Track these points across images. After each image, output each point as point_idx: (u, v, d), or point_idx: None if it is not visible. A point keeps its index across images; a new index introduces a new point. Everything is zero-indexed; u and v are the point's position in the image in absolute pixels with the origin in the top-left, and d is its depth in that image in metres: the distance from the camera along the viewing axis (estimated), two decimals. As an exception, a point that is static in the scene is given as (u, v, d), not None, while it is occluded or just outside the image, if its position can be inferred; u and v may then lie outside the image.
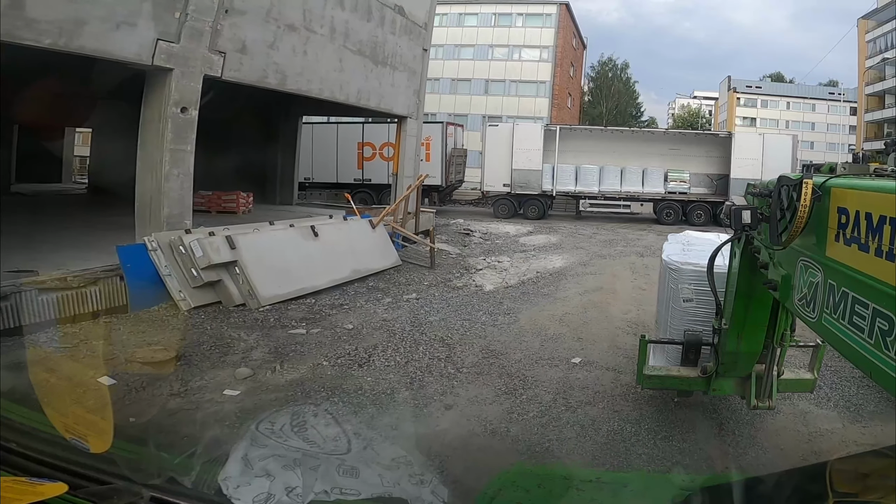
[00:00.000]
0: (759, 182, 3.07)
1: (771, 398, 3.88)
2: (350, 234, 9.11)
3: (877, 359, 1.67)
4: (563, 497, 1.82)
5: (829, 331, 1.98)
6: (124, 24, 6.35)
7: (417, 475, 1.71)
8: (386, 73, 12.21)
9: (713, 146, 20.95)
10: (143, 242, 6.49)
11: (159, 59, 6.76)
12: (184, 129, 7.08)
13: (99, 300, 6.00)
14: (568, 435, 4.39)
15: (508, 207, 19.82)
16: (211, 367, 5.37)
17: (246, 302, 6.82)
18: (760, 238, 2.86)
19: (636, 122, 52.30)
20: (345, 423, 4.06)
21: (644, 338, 4.25)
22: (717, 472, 3.99)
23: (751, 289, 3.31)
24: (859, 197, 1.87)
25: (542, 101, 32.98)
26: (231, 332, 6.18)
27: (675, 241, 5.24)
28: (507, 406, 4.87)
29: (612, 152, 20.60)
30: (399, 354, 5.97)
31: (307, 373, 5.41)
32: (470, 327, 6.99)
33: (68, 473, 1.17)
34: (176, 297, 6.45)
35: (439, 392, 5.14)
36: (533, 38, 33.07)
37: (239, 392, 4.92)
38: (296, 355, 5.81)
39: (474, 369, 5.68)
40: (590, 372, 5.63)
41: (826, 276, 2.02)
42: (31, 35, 5.55)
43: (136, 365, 5.08)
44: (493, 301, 8.35)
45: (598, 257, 12.17)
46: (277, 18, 8.72)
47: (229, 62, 7.76)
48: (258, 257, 7.05)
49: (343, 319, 7.04)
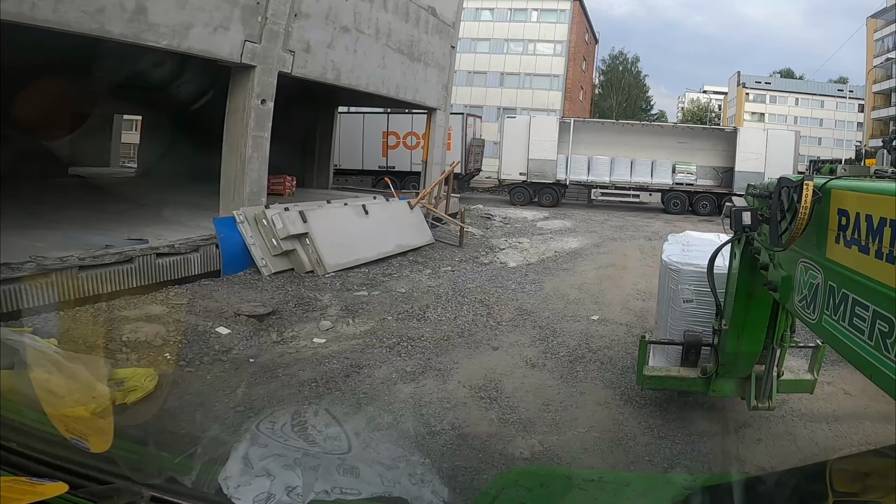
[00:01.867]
0: (760, 183, 3.16)
1: (771, 399, 3.87)
2: (393, 214, 10.33)
3: (877, 360, 1.66)
4: (565, 497, 1.84)
5: (829, 332, 1.96)
6: (220, 27, 7.53)
7: (418, 475, 1.71)
8: (420, 69, 13.36)
9: (719, 140, 21.97)
10: (233, 216, 7.72)
11: (245, 58, 7.94)
12: (262, 118, 8.29)
13: (199, 265, 7.23)
14: (591, 368, 5.61)
15: (524, 195, 20.97)
16: (298, 321, 6.56)
17: (314, 269, 8.05)
18: (761, 239, 2.85)
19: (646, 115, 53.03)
20: (414, 360, 5.30)
21: (644, 338, 4.25)
22: (718, 472, 3.99)
23: (751, 289, 3.32)
24: (860, 199, 1.87)
25: (555, 94, 34.04)
26: (308, 294, 7.41)
27: (675, 241, 5.27)
28: (542, 348, 6.10)
29: (622, 144, 21.66)
30: (448, 312, 7.20)
31: (376, 325, 6.62)
32: (503, 293, 8.21)
33: (68, 473, 1.18)
34: (259, 263, 7.68)
35: (486, 339, 6.37)
36: (547, 33, 34.10)
37: (325, 340, 6.11)
38: (363, 312, 7.03)
39: (511, 323, 6.92)
40: (606, 326, 6.85)
41: (826, 278, 2.01)
42: (152, 37, 6.74)
43: (243, 318, 6.28)
44: (519, 274, 9.57)
45: (610, 240, 13.38)
46: (334, 21, 9.88)
47: (297, 60, 8.94)
48: (324, 230, 8.27)
49: (395, 285, 8.27)
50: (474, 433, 4.22)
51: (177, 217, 8.84)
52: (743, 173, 20.23)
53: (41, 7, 5.66)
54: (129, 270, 6.33)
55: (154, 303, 6.28)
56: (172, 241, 7.13)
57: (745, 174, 20.08)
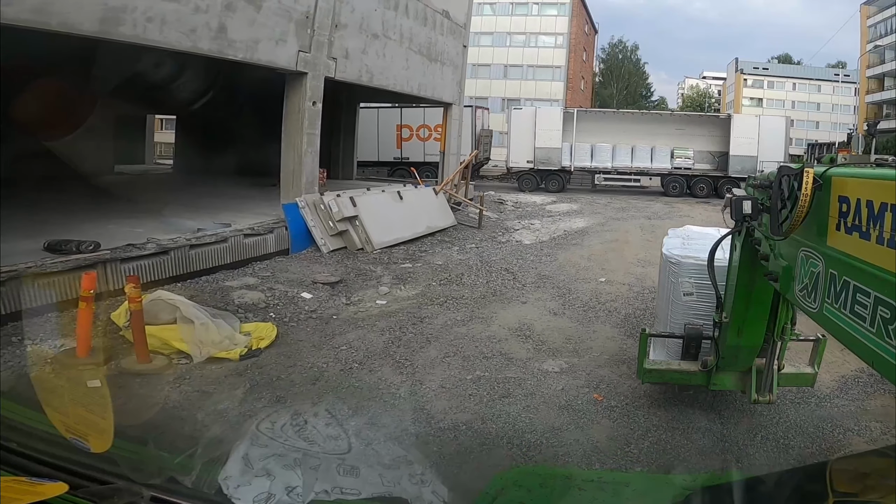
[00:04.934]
0: (760, 173, 3.23)
1: (772, 392, 3.85)
2: (422, 199, 11.73)
3: (878, 347, 1.67)
4: (565, 497, 1.86)
5: (831, 321, 1.96)
6: (280, 40, 8.88)
7: (418, 475, 1.71)
8: (437, 68, 14.68)
9: (715, 126, 23.33)
10: (296, 202, 9.12)
11: (300, 66, 9.29)
12: (314, 117, 9.65)
13: (274, 244, 8.63)
14: (600, 315, 7.02)
15: (532, 181, 22.39)
16: (360, 288, 7.93)
17: (363, 247, 9.44)
18: (761, 229, 2.85)
19: (646, 102, 54.12)
20: (461, 312, 6.71)
21: (645, 331, 4.26)
22: (718, 472, 3.96)
23: (751, 282, 3.32)
24: (860, 185, 1.87)
25: (557, 85, 35.33)
26: (363, 266, 8.82)
27: (675, 235, 5.30)
28: (561, 302, 7.52)
29: (623, 132, 23.07)
30: (480, 278, 8.61)
31: (423, 289, 8.02)
32: (523, 263, 9.62)
33: (68, 473, 1.19)
34: (319, 242, 9.08)
35: (515, 296, 7.78)
36: (548, 26, 35.31)
37: (385, 301, 7.48)
38: (411, 279, 8.43)
39: (534, 285, 8.33)
40: (612, 286, 8.27)
41: (827, 266, 2.01)
42: (231, 51, 8.09)
43: (319, 285, 7.67)
44: (535, 249, 10.98)
45: (613, 220, 14.80)
46: (366, 29, 11.21)
47: (339, 65, 10.29)
48: (370, 213, 9.66)
49: (432, 259, 9.69)
50: (517, 357, 5.64)
51: (235, 206, 10.23)
52: (737, 157, 21.66)
53: (151, 30, 7.00)
54: (224, 249, 7.74)
55: (247, 275, 7.69)
56: (252, 224, 8.52)
57: (740, 158, 21.56)
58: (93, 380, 4.44)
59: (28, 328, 5.33)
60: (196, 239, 7.43)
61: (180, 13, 7.19)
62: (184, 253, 7.15)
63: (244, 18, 8.14)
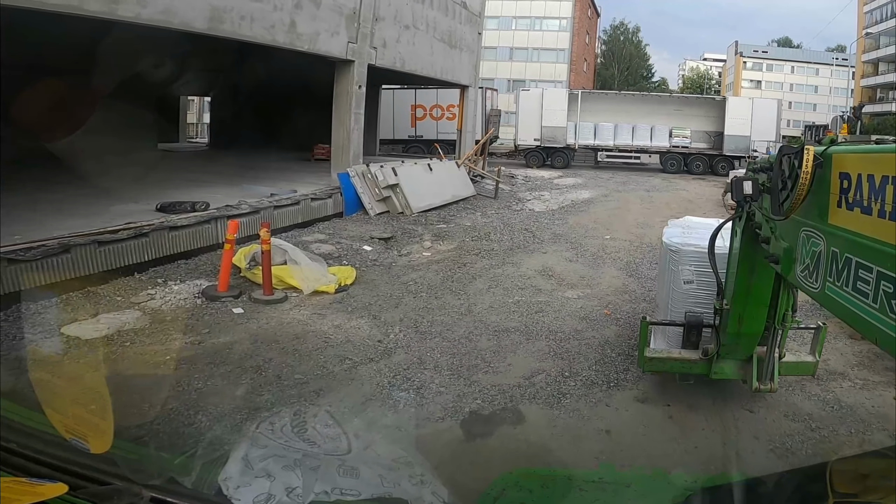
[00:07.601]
0: (760, 158, 3.27)
1: (773, 381, 3.84)
2: (447, 171, 13.30)
3: (882, 323, 1.66)
4: (566, 498, 1.89)
5: (833, 300, 1.95)
6: (335, 33, 10.37)
7: (418, 475, 1.73)
8: (456, 54, 16.13)
9: (711, 108, 24.83)
10: (347, 172, 10.69)
11: (349, 54, 10.79)
12: (360, 99, 11.18)
13: (332, 207, 10.22)
14: (607, 261, 8.67)
15: (538, 158, 23.95)
16: (407, 243, 9.50)
17: (403, 211, 11.04)
18: (762, 211, 2.86)
19: (647, 82, 55.21)
20: (495, 259, 8.36)
21: (645, 319, 4.23)
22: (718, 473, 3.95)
23: (752, 268, 3.33)
24: (861, 160, 1.87)
25: (561, 67, 36.65)
26: (406, 226, 10.41)
27: (675, 225, 5.32)
28: (574, 253, 9.16)
29: (625, 112, 24.60)
30: (505, 236, 10.23)
31: (459, 244, 9.63)
32: (539, 225, 11.25)
33: (68, 474, 1.19)
34: (367, 206, 10.67)
35: (536, 249, 9.41)
36: (552, 10, 36.50)
37: (430, 253, 9.07)
38: (448, 237, 10.04)
39: (550, 241, 9.97)
40: (615, 241, 9.93)
41: (829, 244, 2.00)
42: (299, 43, 9.58)
43: (375, 240, 9.25)
44: (547, 215, 12.60)
45: (616, 192, 16.43)
46: (399, 21, 12.66)
47: (378, 54, 11.78)
48: (408, 182, 11.24)
49: (461, 221, 11.30)
50: (544, 288, 7.29)
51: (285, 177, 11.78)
52: (732, 137, 23.22)
53: (244, 26, 8.48)
54: (296, 210, 9.33)
55: (315, 232, 9.30)
56: (314, 191, 10.10)
57: (734, 137, 23.12)
58: (236, 308, 5.95)
59: (166, 271, 6.83)
60: (277, 201, 9.01)
61: (263, 11, 8.69)
62: (269, 213, 8.72)
63: (308, 14, 9.63)
